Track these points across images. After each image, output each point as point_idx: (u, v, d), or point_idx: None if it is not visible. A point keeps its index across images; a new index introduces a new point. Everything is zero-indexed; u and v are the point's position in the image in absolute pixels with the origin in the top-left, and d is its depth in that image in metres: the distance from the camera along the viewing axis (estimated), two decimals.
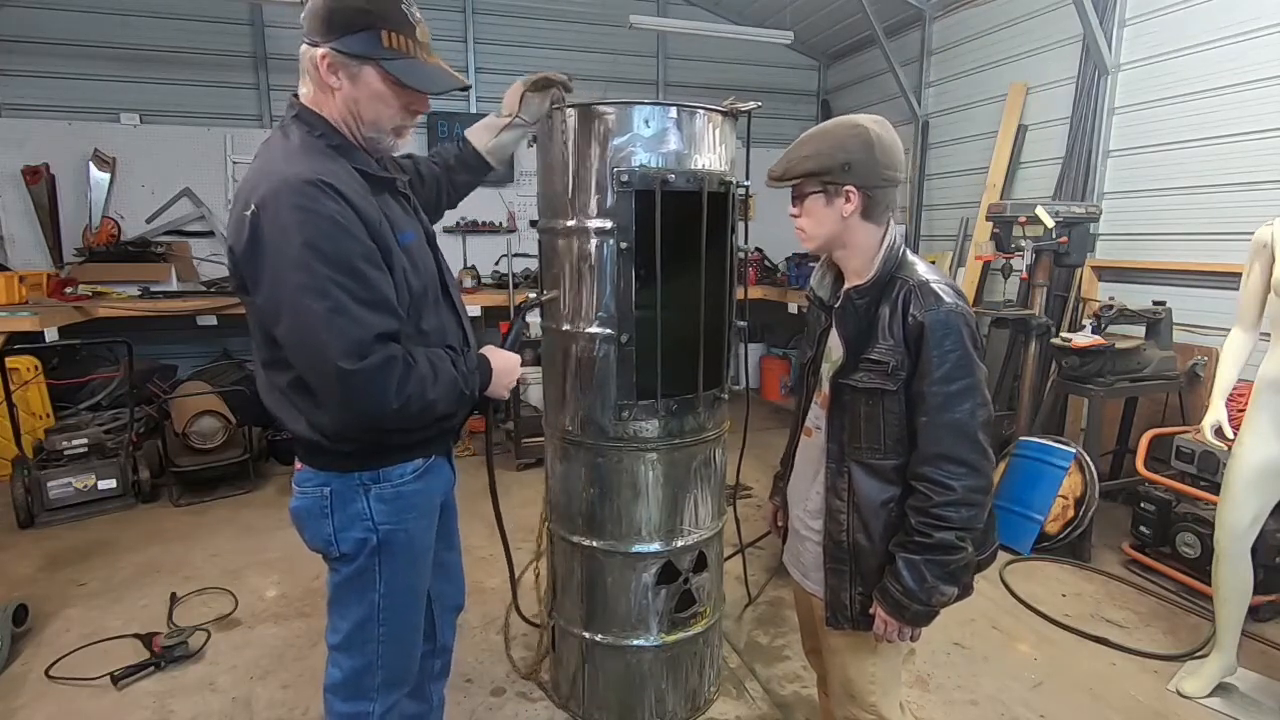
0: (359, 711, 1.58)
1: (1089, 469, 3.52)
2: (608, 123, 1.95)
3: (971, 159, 5.69)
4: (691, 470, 2.22)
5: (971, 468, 1.37)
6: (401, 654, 1.61)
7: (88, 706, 2.46)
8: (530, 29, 6.56)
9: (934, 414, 1.38)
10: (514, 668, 2.66)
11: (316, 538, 1.49)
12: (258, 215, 1.24)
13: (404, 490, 1.50)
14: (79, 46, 5.56)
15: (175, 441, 4.34)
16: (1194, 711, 2.44)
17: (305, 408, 1.40)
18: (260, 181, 1.27)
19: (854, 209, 1.43)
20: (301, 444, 1.47)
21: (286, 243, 1.23)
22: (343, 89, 1.35)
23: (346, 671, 1.56)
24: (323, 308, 1.23)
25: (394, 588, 1.53)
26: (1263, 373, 2.31)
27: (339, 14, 1.30)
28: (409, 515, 1.52)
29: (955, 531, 1.38)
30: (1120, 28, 4.39)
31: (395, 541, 1.50)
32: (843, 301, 1.50)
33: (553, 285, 2.16)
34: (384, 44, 1.32)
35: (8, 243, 5.50)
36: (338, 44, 1.30)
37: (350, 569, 1.50)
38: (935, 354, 1.37)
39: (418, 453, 1.53)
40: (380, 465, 1.47)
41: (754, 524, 3.68)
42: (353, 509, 1.46)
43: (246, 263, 1.28)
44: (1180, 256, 4.11)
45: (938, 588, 1.40)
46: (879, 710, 1.60)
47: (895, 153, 1.43)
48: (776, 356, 7.25)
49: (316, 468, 1.47)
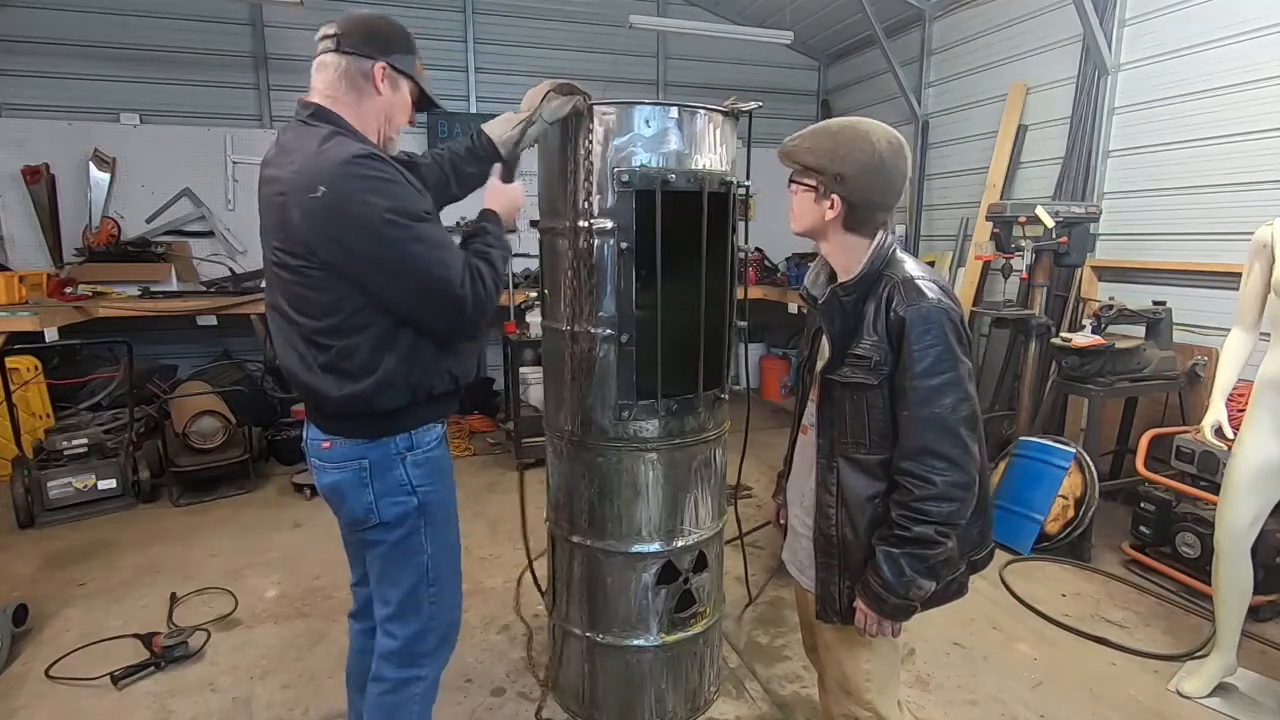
0: (410, 677, 1.71)
1: (1089, 469, 3.52)
2: (608, 123, 1.95)
3: (971, 159, 5.69)
4: (692, 470, 2.22)
5: (952, 462, 1.37)
6: (450, 612, 1.76)
7: (88, 706, 2.46)
8: (530, 29, 6.56)
9: (915, 408, 1.39)
10: (530, 668, 2.66)
11: (358, 507, 1.61)
12: (330, 194, 1.40)
13: (432, 456, 1.66)
14: (79, 46, 5.56)
15: (175, 441, 4.34)
16: (1194, 711, 2.44)
17: (355, 372, 1.52)
18: (315, 166, 1.43)
19: (836, 216, 1.46)
20: (340, 413, 1.57)
21: (370, 208, 1.40)
22: (384, 96, 1.58)
23: (401, 640, 1.69)
24: (426, 251, 1.45)
25: (439, 546, 1.69)
26: (1263, 373, 2.31)
27: (393, 38, 1.59)
28: (439, 478, 1.68)
29: (935, 526, 1.38)
30: (1120, 28, 4.40)
31: (433, 503, 1.66)
32: (828, 298, 1.51)
33: (553, 285, 2.16)
34: (415, 68, 1.63)
35: (8, 243, 5.50)
36: (392, 59, 1.57)
37: (396, 535, 1.63)
38: (916, 348, 1.38)
39: (440, 413, 1.69)
40: (413, 427, 1.62)
41: (754, 524, 3.67)
42: (391, 476, 1.60)
43: (323, 237, 1.43)
44: (1180, 256, 4.11)
45: (915, 581, 1.40)
46: (875, 707, 1.61)
47: (891, 180, 1.45)
48: (776, 357, 7.25)
49: (353, 436, 1.59)
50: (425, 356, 1.58)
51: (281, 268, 1.50)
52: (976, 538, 1.58)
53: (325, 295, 1.48)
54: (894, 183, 1.46)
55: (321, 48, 1.56)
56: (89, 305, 4.74)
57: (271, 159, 1.55)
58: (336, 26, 1.55)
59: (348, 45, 1.54)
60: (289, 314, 1.54)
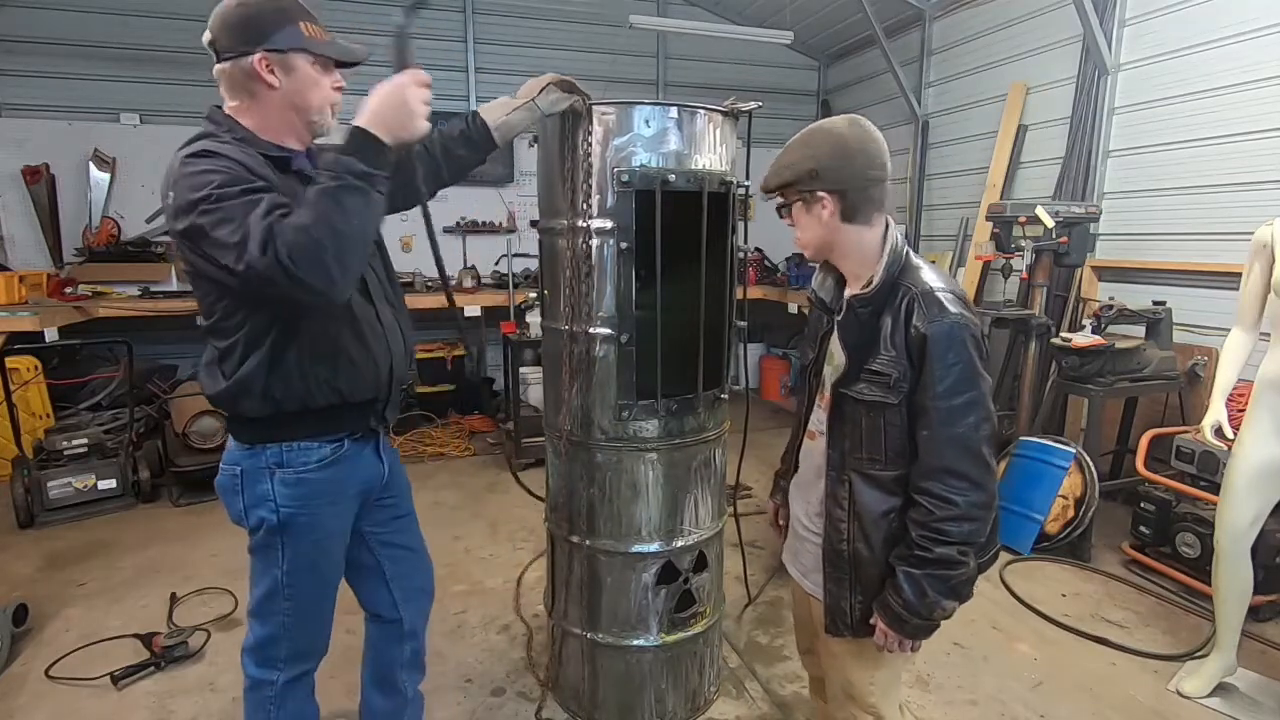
0: (266, 678, 1.69)
1: (1089, 469, 3.52)
2: (608, 123, 1.95)
3: (971, 159, 5.69)
4: (691, 470, 2.22)
5: (974, 483, 1.35)
6: (306, 630, 1.71)
7: (88, 706, 2.46)
8: (530, 29, 6.56)
9: (937, 428, 1.36)
10: (529, 667, 2.66)
11: (232, 510, 1.62)
12: (175, 198, 1.35)
13: (307, 477, 1.57)
14: (79, 46, 5.56)
15: (175, 441, 4.34)
16: (1194, 711, 2.44)
17: (224, 372, 1.49)
18: (167, 173, 1.40)
19: (831, 213, 1.42)
20: (226, 415, 1.58)
21: (187, 205, 1.32)
22: (282, 85, 1.46)
23: (258, 637, 1.68)
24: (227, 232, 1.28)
25: (296, 567, 1.61)
26: (1263, 373, 2.31)
27: (262, 19, 1.42)
28: (315, 501, 1.59)
29: (957, 546, 1.36)
30: (1120, 28, 4.39)
31: (296, 524, 1.58)
32: (845, 311, 1.48)
33: (553, 285, 2.16)
34: (305, 34, 1.45)
35: (8, 243, 5.50)
36: (268, 44, 1.42)
37: (253, 541, 1.62)
38: (939, 367, 1.34)
39: (325, 433, 1.58)
40: (284, 440, 1.55)
41: (754, 524, 3.67)
42: (259, 488, 1.56)
43: (176, 240, 1.40)
44: (1180, 256, 4.11)
45: (939, 602, 1.38)
46: (878, 710, 1.60)
47: (866, 152, 1.40)
48: (776, 356, 7.26)
49: (236, 438, 1.59)
50: (290, 365, 1.47)
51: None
52: (984, 543, 1.55)
53: (202, 296, 1.48)
54: (871, 155, 1.40)
55: (212, 60, 1.49)
56: (89, 305, 4.74)
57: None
58: (210, 33, 1.45)
59: (223, 49, 1.44)
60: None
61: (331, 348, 1.52)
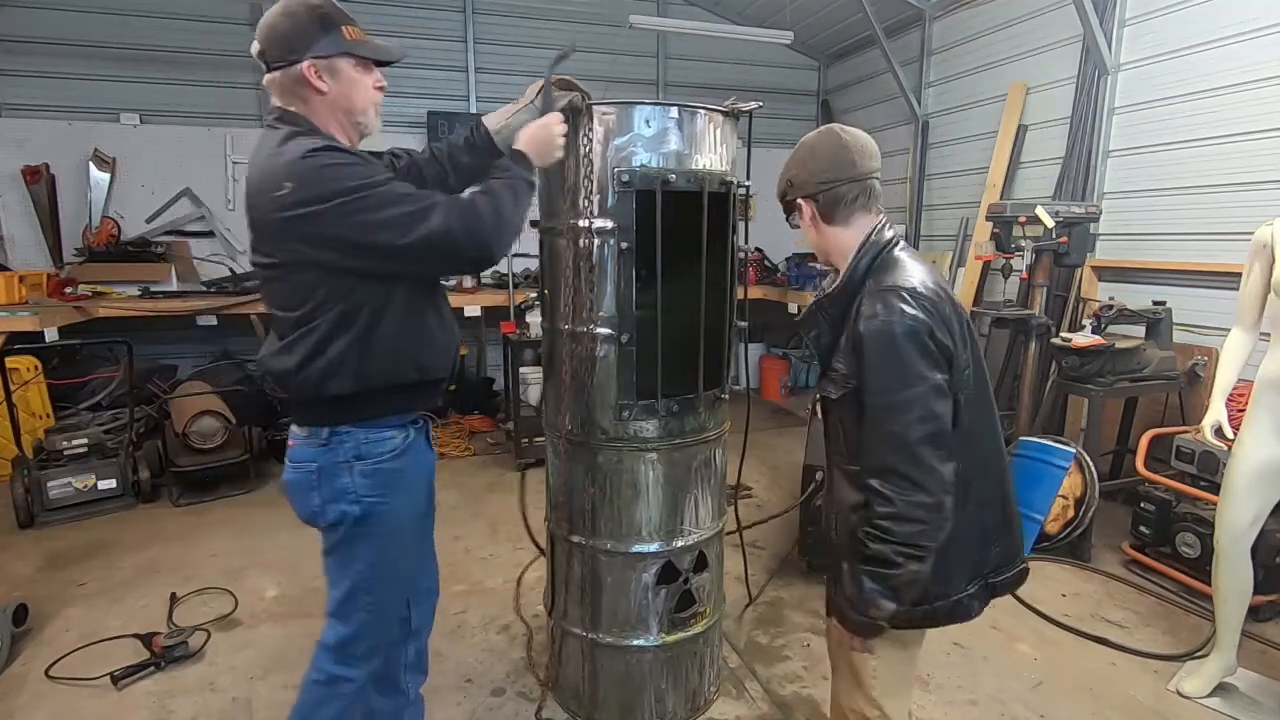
0: (342, 675, 1.71)
1: (1089, 469, 3.52)
2: (608, 123, 1.95)
3: (971, 159, 5.69)
4: (692, 470, 2.22)
5: (913, 483, 1.32)
6: (386, 626, 1.76)
7: (88, 706, 2.46)
8: (530, 29, 6.56)
9: (872, 425, 1.37)
10: (529, 667, 2.66)
11: (304, 508, 1.63)
12: (297, 188, 1.41)
13: (383, 467, 1.62)
14: (79, 46, 5.56)
15: (175, 441, 4.34)
16: (1194, 711, 2.44)
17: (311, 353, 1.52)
18: (276, 166, 1.44)
19: (810, 216, 1.51)
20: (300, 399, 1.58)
21: (336, 193, 1.40)
22: (330, 89, 1.54)
23: (339, 636, 1.69)
24: (400, 213, 1.44)
25: (377, 561, 1.66)
26: (1263, 373, 2.31)
27: (308, 28, 1.50)
28: (392, 491, 1.64)
29: (894, 546, 1.33)
30: (1120, 28, 4.40)
31: (377, 515, 1.62)
32: (810, 309, 1.54)
33: (553, 285, 2.16)
34: (346, 37, 1.53)
35: (8, 243, 5.50)
36: (314, 51, 1.50)
37: (333, 541, 1.64)
38: (872, 365, 1.36)
39: (403, 406, 1.66)
40: (368, 417, 1.59)
41: (754, 524, 3.67)
42: (338, 483, 1.59)
43: (294, 230, 1.44)
44: (1180, 256, 4.11)
45: (874, 601, 1.37)
46: (882, 707, 1.61)
47: (831, 155, 1.47)
48: (776, 357, 7.26)
49: (312, 424, 1.59)
50: (383, 342, 1.55)
51: (261, 267, 1.54)
52: (996, 559, 1.54)
53: (296, 286, 1.51)
54: (835, 160, 1.47)
55: (262, 69, 1.57)
56: (89, 305, 4.74)
57: (249, 164, 1.58)
58: (257, 43, 1.53)
59: (272, 59, 1.52)
60: (274, 311, 1.58)
61: (418, 326, 1.61)
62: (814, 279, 5.95)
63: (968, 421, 1.43)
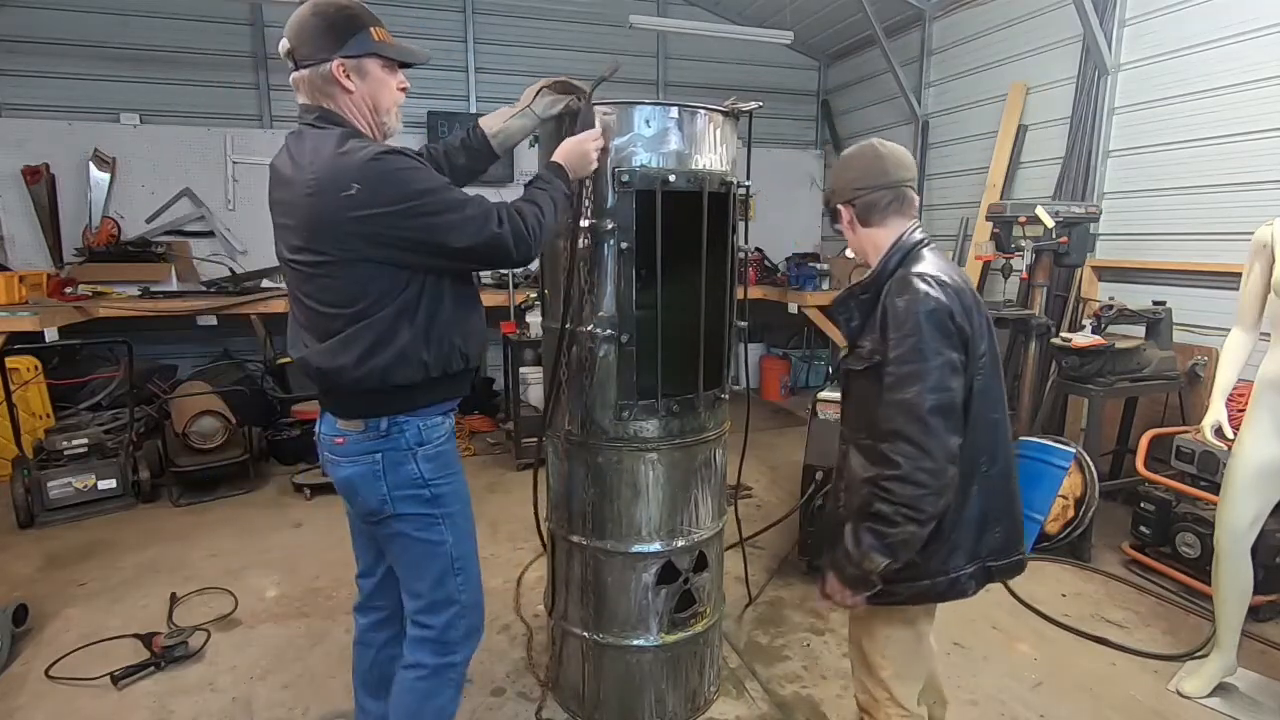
0: (446, 664, 1.76)
1: (1089, 469, 3.52)
2: (608, 123, 1.95)
3: (971, 159, 5.69)
4: (692, 470, 2.22)
5: (919, 448, 1.42)
6: (478, 599, 1.81)
7: (88, 706, 2.46)
8: (530, 29, 6.57)
9: (888, 392, 1.47)
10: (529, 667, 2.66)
11: (372, 500, 1.65)
12: (364, 190, 1.44)
13: (443, 450, 1.70)
14: (79, 46, 5.56)
15: (175, 441, 4.34)
16: (1194, 711, 2.44)
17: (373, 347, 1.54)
18: (342, 166, 1.46)
19: (849, 220, 1.66)
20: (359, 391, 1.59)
21: (404, 196, 1.46)
22: (358, 88, 1.57)
23: (436, 629, 1.74)
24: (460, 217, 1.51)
25: (459, 535, 1.73)
26: (1263, 373, 2.31)
27: (337, 27, 1.53)
28: (452, 470, 1.73)
29: (896, 507, 1.43)
30: (1120, 28, 4.39)
31: (447, 494, 1.70)
32: (842, 295, 1.67)
33: (553, 285, 2.16)
34: (374, 38, 1.57)
35: (8, 243, 5.50)
36: (344, 51, 1.53)
37: (413, 527, 1.67)
38: (894, 337, 1.47)
39: (454, 393, 1.74)
40: (425, 405, 1.66)
41: (754, 524, 3.67)
42: (404, 470, 1.64)
43: (359, 229, 1.47)
44: (1180, 256, 4.11)
45: (869, 554, 1.47)
46: (890, 688, 1.67)
47: (867, 164, 1.62)
48: (776, 357, 7.26)
49: (370, 415, 1.61)
50: (439, 331, 1.61)
51: (307, 265, 1.53)
52: (997, 543, 1.61)
53: (351, 281, 1.52)
54: (870, 167, 1.61)
55: (290, 67, 1.58)
56: (89, 305, 4.74)
57: (287, 162, 1.56)
58: (287, 41, 1.55)
59: (302, 57, 1.54)
60: (316, 308, 1.57)
61: (464, 316, 1.68)
62: (814, 279, 5.96)
63: (980, 409, 1.53)
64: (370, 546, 1.88)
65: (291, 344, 1.67)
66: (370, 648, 1.96)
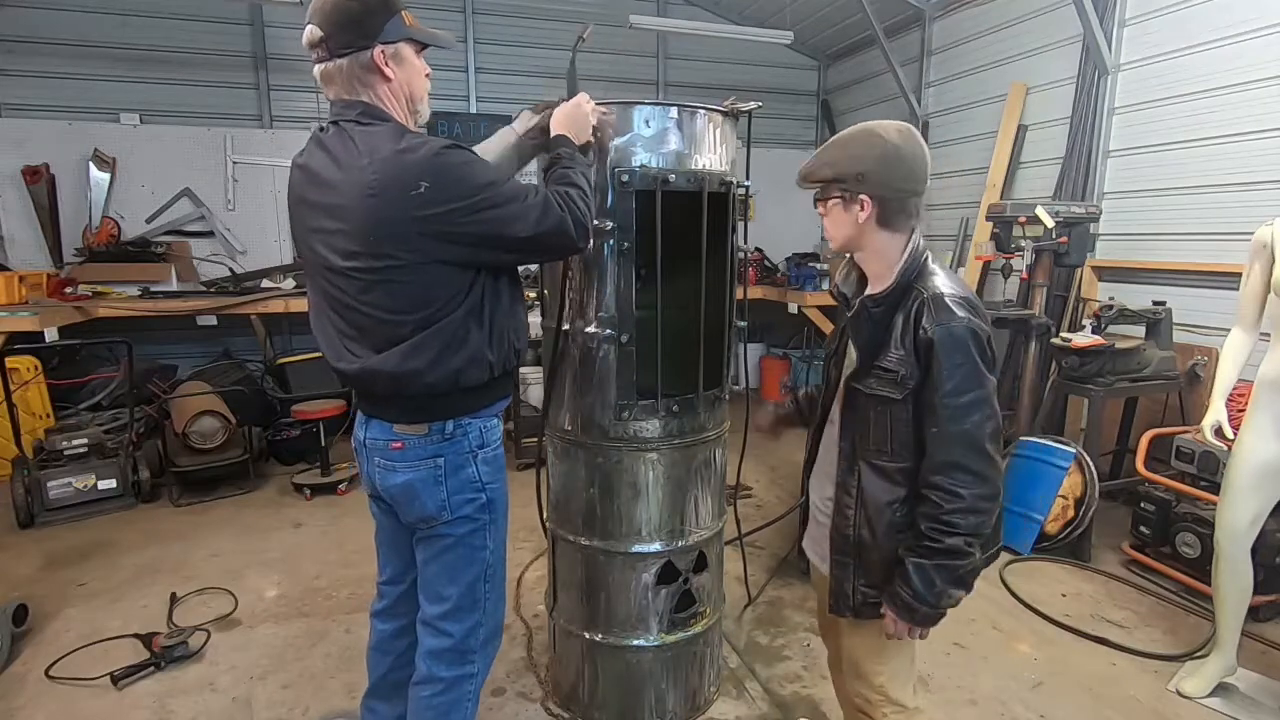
0: (463, 675, 1.73)
1: (1089, 469, 3.52)
2: (608, 122, 1.95)
3: (971, 159, 5.69)
4: (692, 470, 2.22)
5: (979, 476, 1.40)
6: (500, 606, 1.80)
7: (88, 706, 2.46)
8: (530, 29, 6.55)
9: (944, 425, 1.41)
10: (530, 667, 2.66)
11: (431, 504, 1.63)
12: (432, 188, 1.41)
13: (498, 453, 1.71)
14: (79, 46, 5.56)
15: (175, 441, 4.34)
16: (1194, 711, 2.44)
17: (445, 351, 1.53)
18: (405, 163, 1.42)
19: (868, 216, 1.48)
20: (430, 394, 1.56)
21: (471, 191, 1.44)
22: (396, 76, 1.53)
23: (456, 636, 1.71)
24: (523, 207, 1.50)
25: (498, 543, 1.73)
26: (1263, 373, 2.31)
27: (372, 11, 1.48)
28: (502, 475, 1.73)
29: (964, 537, 1.41)
30: (1120, 28, 4.40)
31: (498, 499, 1.71)
32: (857, 309, 1.54)
33: (552, 285, 2.16)
34: (405, 23, 1.52)
35: (8, 243, 5.50)
36: (385, 35, 1.49)
37: (463, 531, 1.66)
38: (945, 367, 1.40)
39: (507, 389, 1.75)
40: (489, 403, 1.67)
41: (754, 524, 3.67)
42: (464, 474, 1.63)
43: (427, 228, 1.43)
44: (1180, 256, 4.11)
45: (946, 591, 1.44)
46: (886, 691, 1.66)
47: (913, 165, 1.47)
48: (776, 357, 7.25)
49: (438, 418, 1.60)
50: (500, 330, 1.61)
51: (367, 271, 1.46)
52: (990, 537, 1.59)
53: (419, 286, 1.48)
54: (915, 166, 1.47)
55: (316, 57, 1.50)
56: (89, 305, 4.74)
57: (326, 162, 1.49)
58: (319, 30, 1.46)
59: (337, 46, 1.47)
60: (378, 315, 1.50)
61: (516, 313, 1.68)
62: (813, 279, 5.95)
63: None
64: (400, 554, 1.82)
65: (333, 356, 1.58)
66: (389, 654, 1.92)
